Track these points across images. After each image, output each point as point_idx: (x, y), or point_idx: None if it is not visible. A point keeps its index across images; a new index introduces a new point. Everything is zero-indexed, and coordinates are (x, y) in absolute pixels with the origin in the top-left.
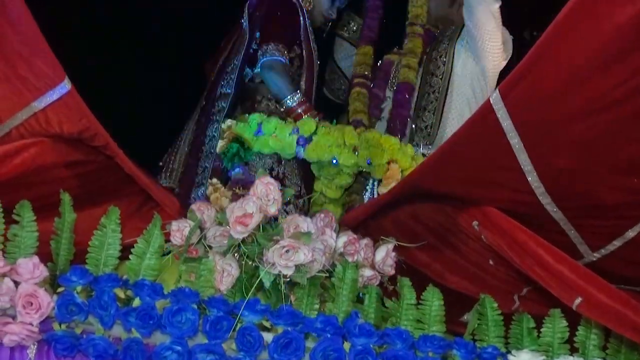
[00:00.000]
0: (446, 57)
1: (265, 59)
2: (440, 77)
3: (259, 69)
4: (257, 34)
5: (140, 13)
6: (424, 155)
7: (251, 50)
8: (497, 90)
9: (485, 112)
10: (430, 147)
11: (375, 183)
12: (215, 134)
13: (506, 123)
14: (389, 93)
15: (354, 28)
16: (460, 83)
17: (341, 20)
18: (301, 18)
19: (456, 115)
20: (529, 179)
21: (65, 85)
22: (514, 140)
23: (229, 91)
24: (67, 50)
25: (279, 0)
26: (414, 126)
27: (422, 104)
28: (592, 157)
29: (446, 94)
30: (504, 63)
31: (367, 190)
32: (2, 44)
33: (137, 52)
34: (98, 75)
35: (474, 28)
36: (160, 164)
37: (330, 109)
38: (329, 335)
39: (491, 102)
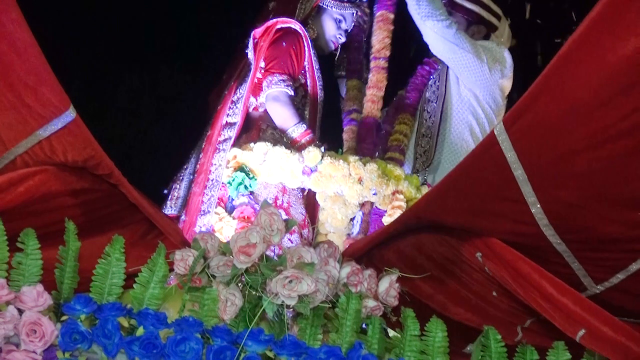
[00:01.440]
0: (439, 80)
1: (270, 89)
2: (435, 101)
3: (264, 99)
4: (262, 64)
5: (146, 42)
6: (424, 181)
7: (256, 80)
8: (502, 122)
9: (489, 143)
10: (427, 170)
11: (362, 215)
12: (221, 163)
13: (510, 154)
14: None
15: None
16: (458, 106)
17: (336, 62)
18: (306, 48)
19: (455, 139)
20: (533, 210)
21: (70, 114)
22: (518, 171)
23: (235, 120)
24: (73, 79)
25: (284, 30)
26: (415, 153)
27: (422, 131)
28: (596, 190)
29: (441, 117)
30: (497, 75)
31: (353, 224)
32: (8, 73)
33: (142, 80)
34: (103, 104)
35: (436, 54)
36: (166, 191)
37: None
38: None
39: (495, 133)
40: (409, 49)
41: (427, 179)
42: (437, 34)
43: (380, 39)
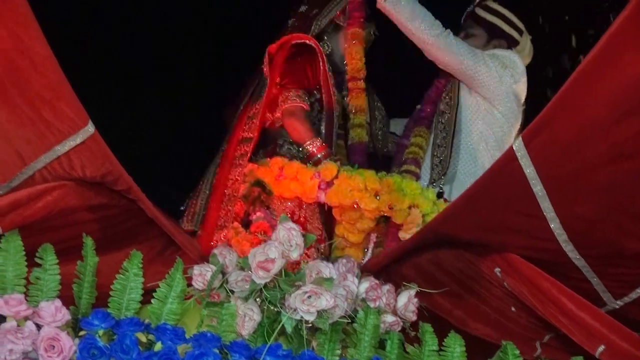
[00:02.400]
0: (452, 92)
1: (286, 105)
2: (448, 112)
3: (280, 114)
4: (278, 79)
5: (164, 57)
6: (441, 190)
7: (272, 96)
8: (520, 138)
9: (508, 159)
10: (443, 180)
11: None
12: (238, 178)
13: (529, 170)
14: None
15: None
16: (471, 116)
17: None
18: (321, 63)
19: (470, 148)
20: (552, 226)
21: (89, 129)
22: (537, 187)
23: (251, 135)
24: (91, 93)
25: (299, 45)
26: (431, 164)
27: (437, 142)
28: (614, 206)
29: (454, 127)
30: (509, 81)
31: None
32: (27, 88)
33: (160, 96)
34: (121, 119)
35: (441, 67)
36: (182, 208)
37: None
38: None
39: (514, 149)
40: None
41: (444, 190)
42: (439, 48)
43: (356, 58)
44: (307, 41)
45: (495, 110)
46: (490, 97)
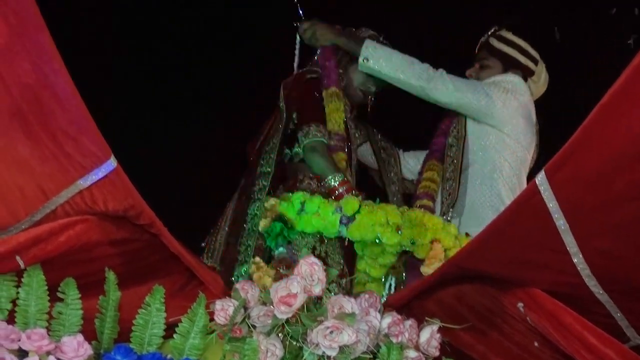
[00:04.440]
0: (459, 124)
1: (307, 140)
2: (456, 145)
3: (299, 149)
4: (294, 114)
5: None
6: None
7: (289, 131)
8: (543, 171)
9: (531, 192)
10: (452, 212)
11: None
12: (257, 212)
13: (552, 204)
14: None
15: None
16: (480, 147)
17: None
18: None
19: (485, 180)
20: (575, 260)
21: (111, 163)
22: (560, 221)
23: (269, 170)
24: (113, 127)
25: (314, 80)
26: (441, 198)
27: (446, 175)
28: (638, 240)
29: (462, 160)
30: (514, 105)
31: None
32: (50, 123)
33: (182, 131)
34: (143, 154)
35: (444, 106)
36: (203, 244)
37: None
38: None
39: (537, 182)
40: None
41: (452, 222)
42: (434, 92)
43: (335, 117)
44: None
45: (506, 136)
46: (498, 124)
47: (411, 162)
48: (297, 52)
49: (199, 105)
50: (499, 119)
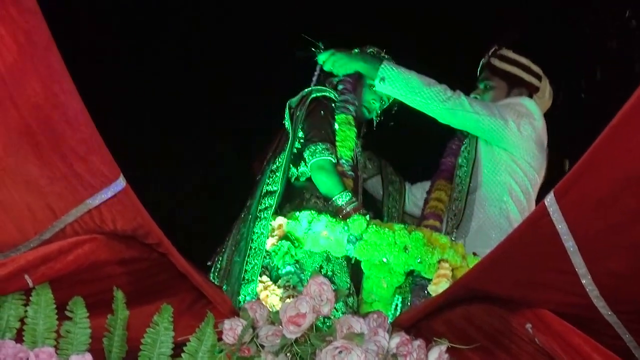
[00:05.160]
0: (470, 145)
1: (315, 159)
2: (466, 166)
3: (306, 168)
4: (300, 133)
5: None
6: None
7: (295, 150)
8: (552, 193)
9: (540, 214)
10: (456, 232)
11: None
12: (264, 231)
13: (561, 225)
14: None
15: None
16: (491, 169)
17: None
18: None
19: (494, 201)
20: (583, 282)
21: (120, 183)
22: (569, 243)
23: (275, 189)
24: (122, 146)
25: (320, 98)
26: (447, 217)
27: (454, 196)
28: None
29: (470, 181)
30: (529, 131)
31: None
32: (60, 142)
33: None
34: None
35: (457, 128)
36: (209, 263)
37: None
38: None
39: (546, 204)
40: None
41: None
42: (451, 114)
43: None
44: (328, 94)
45: (518, 159)
46: (511, 148)
47: (417, 194)
48: (314, 79)
49: (206, 125)
50: (513, 143)
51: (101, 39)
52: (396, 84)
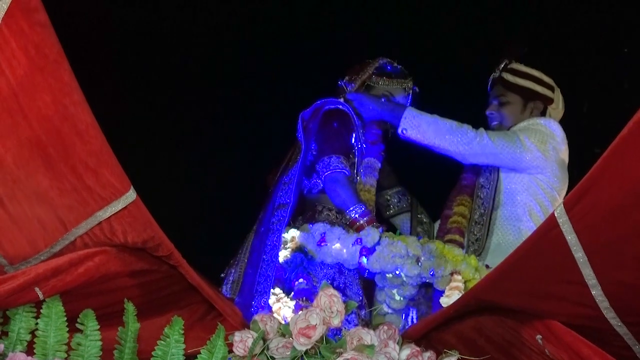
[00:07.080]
0: (493, 167)
1: (328, 172)
2: (488, 187)
3: (319, 181)
4: (312, 145)
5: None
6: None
7: (307, 163)
8: (562, 204)
9: (550, 225)
10: (479, 258)
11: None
12: (276, 243)
13: (570, 237)
14: None
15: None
16: (514, 191)
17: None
18: (354, 127)
19: (513, 221)
20: (593, 293)
21: (131, 195)
22: (579, 254)
23: (287, 201)
24: (132, 158)
25: (333, 112)
26: (468, 240)
27: (475, 218)
28: None
29: (493, 204)
30: (553, 155)
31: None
32: (71, 155)
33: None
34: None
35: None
36: (222, 275)
37: None
38: None
39: (555, 215)
40: None
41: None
42: (475, 155)
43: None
44: (340, 106)
45: (541, 182)
46: (534, 172)
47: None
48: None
49: (218, 137)
50: (537, 167)
51: (111, 52)
52: (418, 133)
